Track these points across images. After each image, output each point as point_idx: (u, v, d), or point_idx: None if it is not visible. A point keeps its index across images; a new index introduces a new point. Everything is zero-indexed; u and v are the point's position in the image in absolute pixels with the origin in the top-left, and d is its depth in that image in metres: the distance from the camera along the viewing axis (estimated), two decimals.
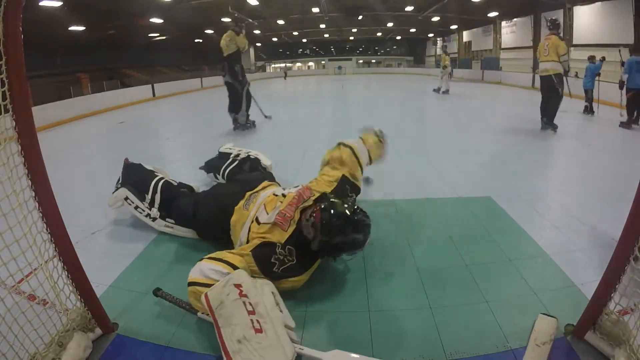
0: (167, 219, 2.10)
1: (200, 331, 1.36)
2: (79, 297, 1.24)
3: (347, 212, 1.51)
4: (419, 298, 1.51)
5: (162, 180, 2.20)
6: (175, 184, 2.28)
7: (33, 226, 1.08)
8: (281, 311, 1.31)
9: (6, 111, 0.99)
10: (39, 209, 1.09)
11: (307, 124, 6.16)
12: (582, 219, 2.22)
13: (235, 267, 1.40)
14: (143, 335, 1.34)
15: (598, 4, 11.23)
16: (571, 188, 2.81)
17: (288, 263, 1.49)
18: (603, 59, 6.91)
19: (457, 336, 1.30)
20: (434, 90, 10.74)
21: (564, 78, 4.66)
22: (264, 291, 1.32)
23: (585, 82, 6.67)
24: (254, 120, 5.40)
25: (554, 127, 4.77)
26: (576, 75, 8.38)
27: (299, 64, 34.21)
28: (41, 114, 6.74)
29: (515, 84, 13.21)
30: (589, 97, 6.57)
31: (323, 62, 33.06)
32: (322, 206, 1.54)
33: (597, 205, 2.44)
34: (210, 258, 1.46)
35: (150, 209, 2.12)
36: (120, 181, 2.30)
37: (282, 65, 31.54)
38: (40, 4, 10.37)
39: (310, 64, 33.92)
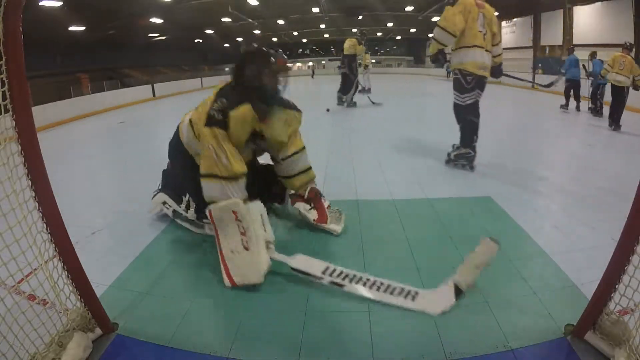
0: (203, 220, 2.08)
1: (200, 331, 1.37)
2: (79, 297, 1.24)
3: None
4: None
5: None
6: None
7: (33, 226, 1.07)
8: (265, 230, 1.68)
9: (6, 111, 0.99)
10: (39, 209, 1.09)
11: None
12: (582, 219, 2.22)
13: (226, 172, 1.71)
14: (143, 335, 1.34)
15: (598, 4, 11.24)
16: (571, 188, 2.82)
17: (222, 104, 1.73)
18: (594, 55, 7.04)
19: (457, 336, 1.30)
20: (359, 91, 10.27)
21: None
22: (253, 213, 1.65)
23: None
24: (355, 102, 7.79)
25: (619, 127, 5.26)
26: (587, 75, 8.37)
27: (299, 64, 34.22)
28: (41, 114, 6.73)
29: (515, 84, 13.18)
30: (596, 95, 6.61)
31: (323, 62, 33.06)
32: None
33: (597, 205, 2.44)
34: (204, 176, 1.74)
35: (187, 212, 2.11)
36: (159, 186, 2.33)
37: (310, 63, 32.10)
38: (40, 4, 10.38)
39: (310, 64, 33.93)
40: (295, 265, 1.63)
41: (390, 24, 22.60)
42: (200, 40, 22.55)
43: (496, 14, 3.43)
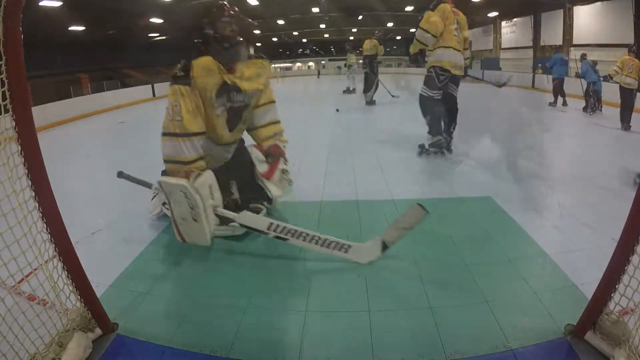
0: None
1: (200, 331, 1.37)
2: (79, 297, 1.24)
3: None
4: (418, 298, 1.51)
5: None
6: None
7: (33, 226, 1.07)
8: (213, 198, 1.74)
9: (6, 111, 0.99)
10: (39, 209, 1.09)
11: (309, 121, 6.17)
12: (582, 219, 2.22)
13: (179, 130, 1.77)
14: (143, 335, 1.34)
15: (598, 4, 11.22)
16: (571, 188, 2.81)
17: (184, 63, 1.84)
18: (584, 56, 7.13)
19: (457, 336, 1.30)
20: (344, 91, 10.09)
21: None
22: (201, 189, 1.68)
23: (589, 77, 6.76)
24: (375, 100, 8.02)
25: (629, 127, 5.30)
26: (576, 75, 8.43)
27: (299, 64, 34.20)
28: (41, 114, 6.73)
29: (515, 84, 13.19)
30: (590, 93, 6.67)
31: (323, 62, 33.03)
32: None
33: (597, 205, 2.44)
34: (162, 135, 1.81)
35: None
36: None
37: (311, 63, 32.41)
38: (40, 4, 10.35)
39: (310, 64, 33.91)
40: (242, 221, 1.75)
41: (390, 24, 22.55)
42: (200, 41, 22.55)
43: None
